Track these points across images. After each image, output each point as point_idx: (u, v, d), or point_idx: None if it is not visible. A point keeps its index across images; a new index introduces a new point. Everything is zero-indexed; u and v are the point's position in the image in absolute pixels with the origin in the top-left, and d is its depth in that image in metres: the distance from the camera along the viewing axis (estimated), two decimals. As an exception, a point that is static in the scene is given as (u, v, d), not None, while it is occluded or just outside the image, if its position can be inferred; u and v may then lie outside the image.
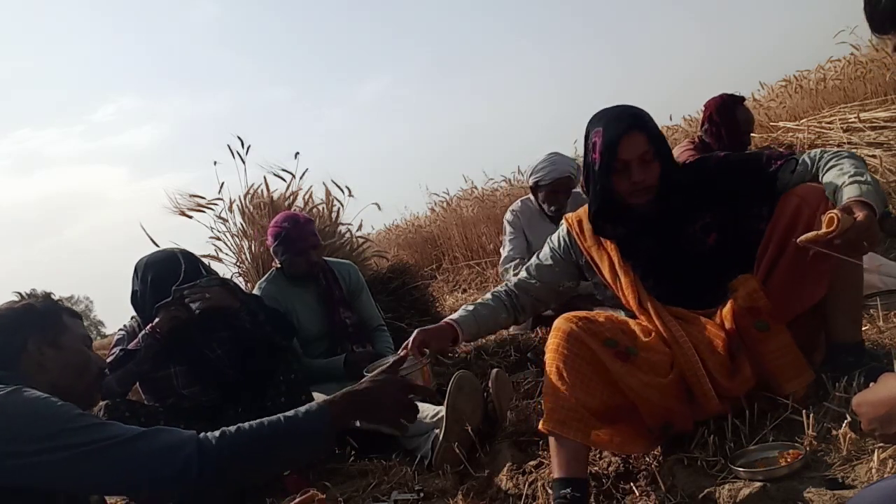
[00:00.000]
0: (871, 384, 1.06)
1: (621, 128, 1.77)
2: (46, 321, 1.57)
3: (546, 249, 2.10)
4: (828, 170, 1.71)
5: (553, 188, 3.52)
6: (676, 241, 1.85)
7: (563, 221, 2.08)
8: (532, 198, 3.71)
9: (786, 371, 1.71)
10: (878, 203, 1.55)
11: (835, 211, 1.47)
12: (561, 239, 2.06)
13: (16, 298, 1.61)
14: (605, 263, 1.93)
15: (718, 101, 3.39)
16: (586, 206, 1.99)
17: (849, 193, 1.57)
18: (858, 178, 1.61)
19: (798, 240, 1.54)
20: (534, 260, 2.12)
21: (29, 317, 1.55)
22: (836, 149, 1.82)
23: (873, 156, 3.97)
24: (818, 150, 1.80)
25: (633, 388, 1.67)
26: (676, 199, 1.83)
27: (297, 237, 2.86)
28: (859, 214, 1.47)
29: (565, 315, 1.76)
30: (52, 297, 1.66)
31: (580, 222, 2.00)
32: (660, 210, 1.84)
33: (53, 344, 1.54)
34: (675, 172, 1.84)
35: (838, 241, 1.46)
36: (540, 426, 1.70)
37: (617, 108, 1.84)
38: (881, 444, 1.40)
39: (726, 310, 1.74)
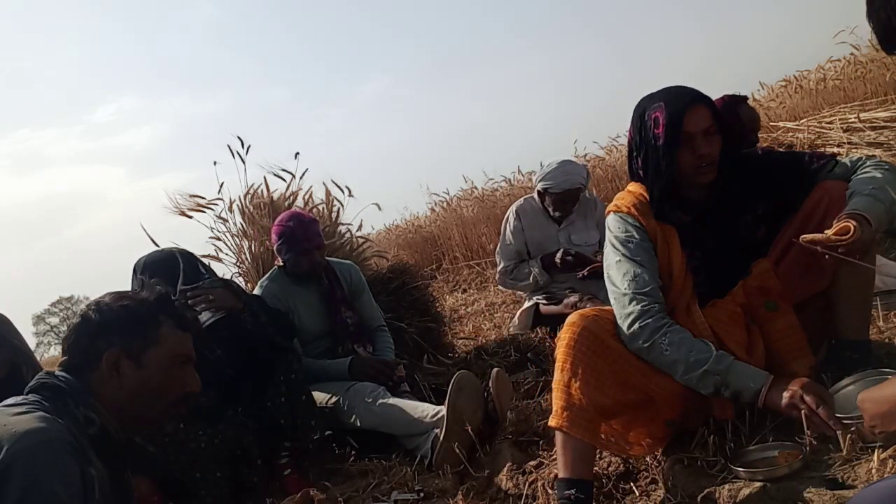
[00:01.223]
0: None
1: (685, 101, 1.75)
2: (137, 330, 1.32)
3: (634, 249, 1.80)
4: (861, 174, 1.74)
5: (562, 198, 3.52)
6: (732, 232, 1.84)
7: (617, 214, 1.88)
8: (536, 197, 3.71)
9: (791, 351, 1.73)
10: (882, 221, 1.62)
11: (852, 222, 1.53)
12: (637, 230, 1.82)
13: (134, 289, 1.35)
14: (666, 252, 1.81)
15: (721, 101, 3.37)
16: (626, 195, 1.88)
17: (858, 204, 1.63)
18: (878, 193, 1.65)
19: (802, 237, 1.60)
20: (634, 268, 1.77)
21: (120, 321, 1.31)
22: (877, 158, 1.83)
23: (873, 156, 3.97)
24: (863, 156, 1.82)
25: (656, 381, 1.67)
26: (734, 186, 1.83)
27: (301, 237, 2.86)
28: (864, 229, 1.55)
29: (579, 311, 1.75)
30: (168, 296, 1.41)
31: (636, 209, 1.84)
32: (718, 198, 1.83)
33: (135, 358, 1.30)
34: (735, 149, 1.82)
35: (842, 250, 1.53)
36: (549, 422, 1.68)
37: (671, 87, 1.82)
38: (881, 444, 1.40)
39: (737, 287, 1.78)
